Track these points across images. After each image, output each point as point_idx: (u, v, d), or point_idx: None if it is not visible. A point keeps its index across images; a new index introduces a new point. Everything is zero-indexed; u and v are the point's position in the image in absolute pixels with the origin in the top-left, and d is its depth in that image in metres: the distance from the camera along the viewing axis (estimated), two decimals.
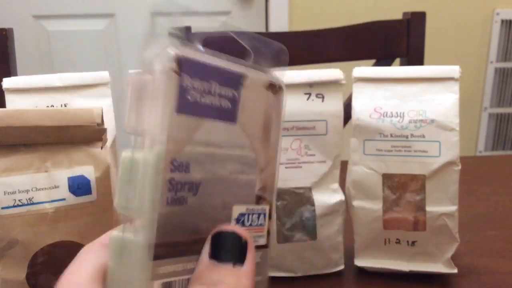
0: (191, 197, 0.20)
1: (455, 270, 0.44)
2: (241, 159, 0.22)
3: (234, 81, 0.21)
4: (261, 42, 0.24)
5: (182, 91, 0.20)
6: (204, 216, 0.21)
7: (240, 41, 0.24)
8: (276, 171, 0.24)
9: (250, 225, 0.23)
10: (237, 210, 0.23)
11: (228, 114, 0.21)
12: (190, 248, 0.21)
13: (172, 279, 0.20)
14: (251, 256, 0.21)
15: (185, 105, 0.20)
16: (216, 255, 0.20)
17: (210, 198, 0.21)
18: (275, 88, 0.23)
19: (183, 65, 0.19)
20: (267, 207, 0.24)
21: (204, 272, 0.20)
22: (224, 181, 0.22)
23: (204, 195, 0.21)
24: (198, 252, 0.21)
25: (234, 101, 0.22)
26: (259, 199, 0.23)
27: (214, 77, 0.21)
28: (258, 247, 0.23)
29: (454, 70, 0.44)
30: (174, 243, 0.20)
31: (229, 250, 0.21)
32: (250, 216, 0.23)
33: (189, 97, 0.20)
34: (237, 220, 0.23)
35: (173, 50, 0.19)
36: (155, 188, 0.19)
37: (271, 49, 0.24)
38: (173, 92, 0.19)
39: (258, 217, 0.23)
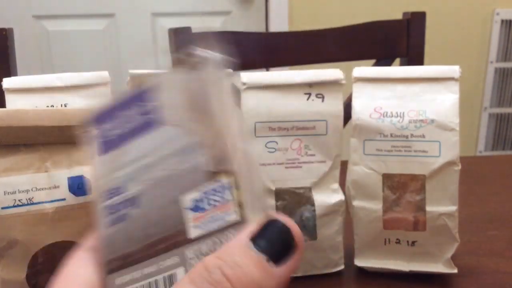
0: (134, 210, 0.22)
1: (455, 270, 0.44)
2: (183, 150, 0.22)
3: (143, 97, 0.24)
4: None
5: (98, 139, 0.24)
6: (154, 220, 0.22)
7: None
8: (231, 133, 0.22)
9: (213, 206, 0.21)
10: (189, 198, 0.22)
11: (149, 125, 0.23)
12: (144, 254, 0.22)
13: (131, 286, 0.22)
14: (293, 260, 0.19)
15: (105, 147, 0.24)
16: (256, 239, 0.18)
17: (158, 201, 0.22)
18: (194, 65, 0.23)
19: (91, 123, 0.25)
20: (228, 179, 0.21)
21: (231, 248, 0.18)
22: (167, 179, 0.22)
23: (149, 202, 0.22)
24: (154, 255, 0.22)
25: (152, 111, 0.23)
26: (214, 176, 0.22)
27: (123, 109, 0.24)
28: (230, 226, 0.21)
29: (454, 70, 0.44)
30: (126, 255, 0.22)
31: (273, 241, 0.18)
32: (209, 197, 0.22)
33: (107, 138, 0.24)
34: (193, 209, 0.22)
35: (85, 117, 0.25)
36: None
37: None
38: (91, 146, 0.24)
39: (221, 193, 0.21)
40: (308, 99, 0.44)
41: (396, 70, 0.46)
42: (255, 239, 0.18)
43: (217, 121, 0.22)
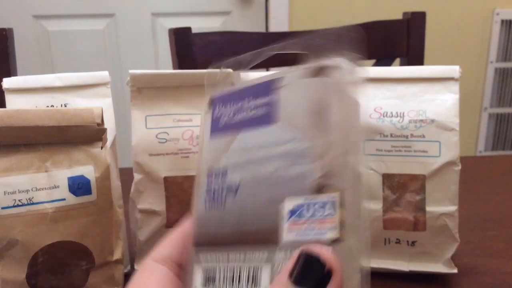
0: (230, 197, 0.24)
1: (455, 270, 0.44)
2: (291, 151, 0.23)
3: (266, 89, 0.25)
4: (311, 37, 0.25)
5: (214, 121, 0.26)
6: (247, 212, 0.23)
7: (283, 52, 0.26)
8: (344, 151, 0.22)
9: (313, 216, 0.22)
10: (291, 202, 0.22)
11: (265, 119, 0.24)
12: (233, 240, 0.23)
13: (215, 265, 0.23)
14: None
15: (218, 130, 0.25)
16: (295, 276, 0.20)
17: (253, 196, 0.23)
18: (323, 70, 0.23)
19: (213, 102, 0.26)
20: (334, 195, 0.21)
21: None
22: (269, 178, 0.23)
23: (245, 194, 0.23)
24: (242, 244, 0.23)
25: (271, 105, 0.24)
26: (321, 188, 0.22)
27: (245, 96, 0.25)
28: (327, 241, 0.21)
29: (454, 70, 0.44)
30: (215, 235, 0.24)
31: (310, 277, 0.20)
32: (311, 206, 0.22)
33: (221, 123, 0.25)
34: (293, 213, 0.22)
35: (210, 95, 0.26)
36: None
37: (328, 36, 0.25)
38: (207, 125, 0.26)
39: (323, 207, 0.21)
40: None
41: (396, 70, 0.46)
42: (293, 276, 0.19)
43: (333, 133, 0.22)
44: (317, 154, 0.22)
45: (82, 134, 0.35)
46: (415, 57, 0.96)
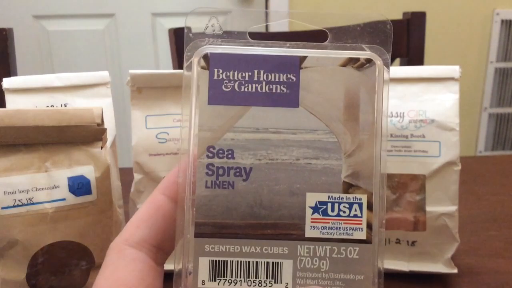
0: (240, 182, 0.22)
1: (455, 270, 0.44)
2: (313, 143, 0.22)
3: (286, 64, 0.22)
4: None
5: (213, 84, 0.22)
6: (261, 201, 0.22)
7: (313, 25, 0.23)
8: (376, 154, 0.21)
9: (338, 215, 0.21)
10: (314, 197, 0.22)
11: (285, 99, 0.22)
12: (246, 232, 0.21)
13: (226, 258, 0.21)
14: None
15: (218, 96, 0.22)
16: None
17: (269, 183, 0.22)
18: (358, 63, 0.22)
19: (212, 61, 0.22)
20: (362, 196, 0.21)
21: None
22: (288, 167, 0.22)
23: (258, 181, 0.22)
24: (258, 237, 0.21)
25: (292, 86, 0.22)
26: (348, 187, 0.21)
27: (256, 66, 0.22)
28: (354, 241, 0.21)
29: (454, 70, 0.44)
30: (223, 224, 0.21)
31: None
32: (336, 205, 0.21)
33: (224, 89, 0.22)
34: (315, 209, 0.21)
35: (204, 48, 0.22)
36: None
37: (364, 25, 0.23)
38: (203, 86, 0.22)
39: (350, 207, 0.21)
40: None
41: (396, 70, 0.46)
42: None
43: (367, 130, 0.22)
44: (345, 152, 0.22)
45: (82, 134, 0.35)
46: (415, 57, 0.96)
